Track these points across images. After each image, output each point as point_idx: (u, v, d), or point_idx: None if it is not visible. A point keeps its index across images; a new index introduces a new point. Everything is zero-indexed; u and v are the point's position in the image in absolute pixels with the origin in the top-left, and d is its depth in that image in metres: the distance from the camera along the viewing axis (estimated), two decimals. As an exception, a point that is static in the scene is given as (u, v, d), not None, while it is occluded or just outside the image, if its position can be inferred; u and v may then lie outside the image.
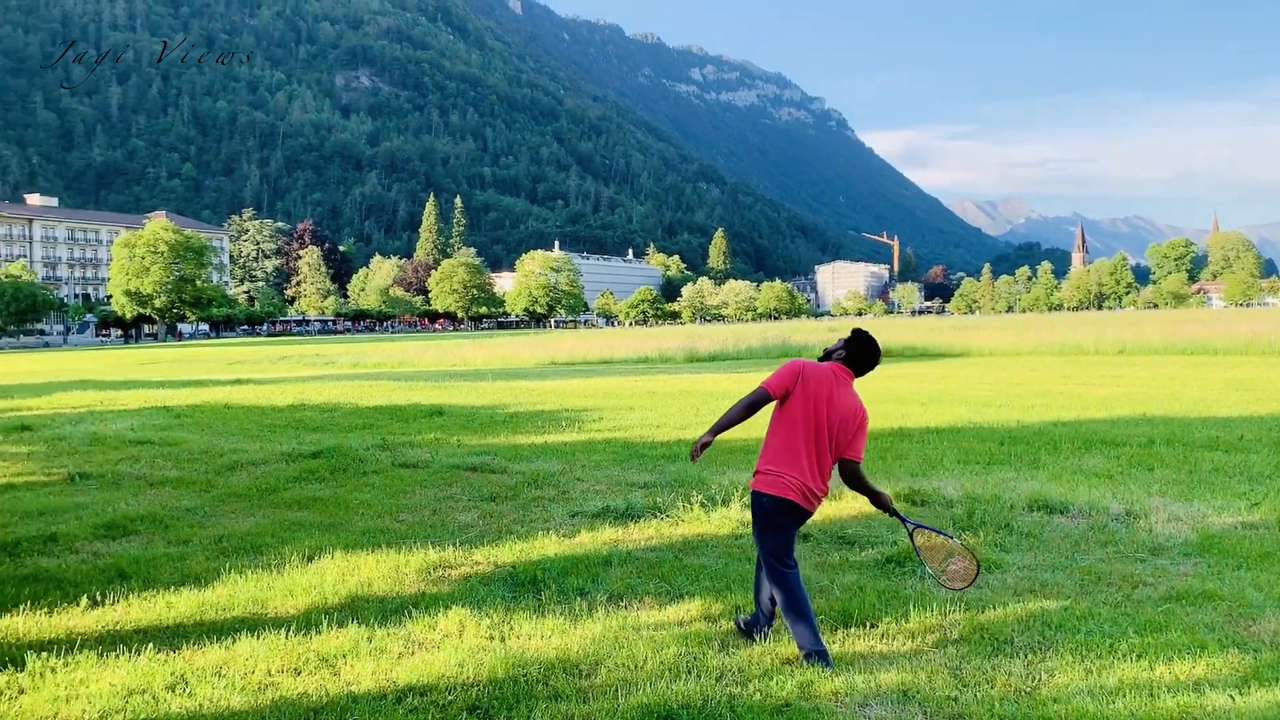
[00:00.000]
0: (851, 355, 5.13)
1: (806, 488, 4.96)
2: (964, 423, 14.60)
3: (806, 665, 4.83)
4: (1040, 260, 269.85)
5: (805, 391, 4.95)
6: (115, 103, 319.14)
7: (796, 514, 5.01)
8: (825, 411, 4.94)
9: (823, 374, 5.00)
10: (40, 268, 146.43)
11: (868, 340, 5.13)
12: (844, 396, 5.00)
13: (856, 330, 5.18)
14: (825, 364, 5.10)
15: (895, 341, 42.74)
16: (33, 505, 9.61)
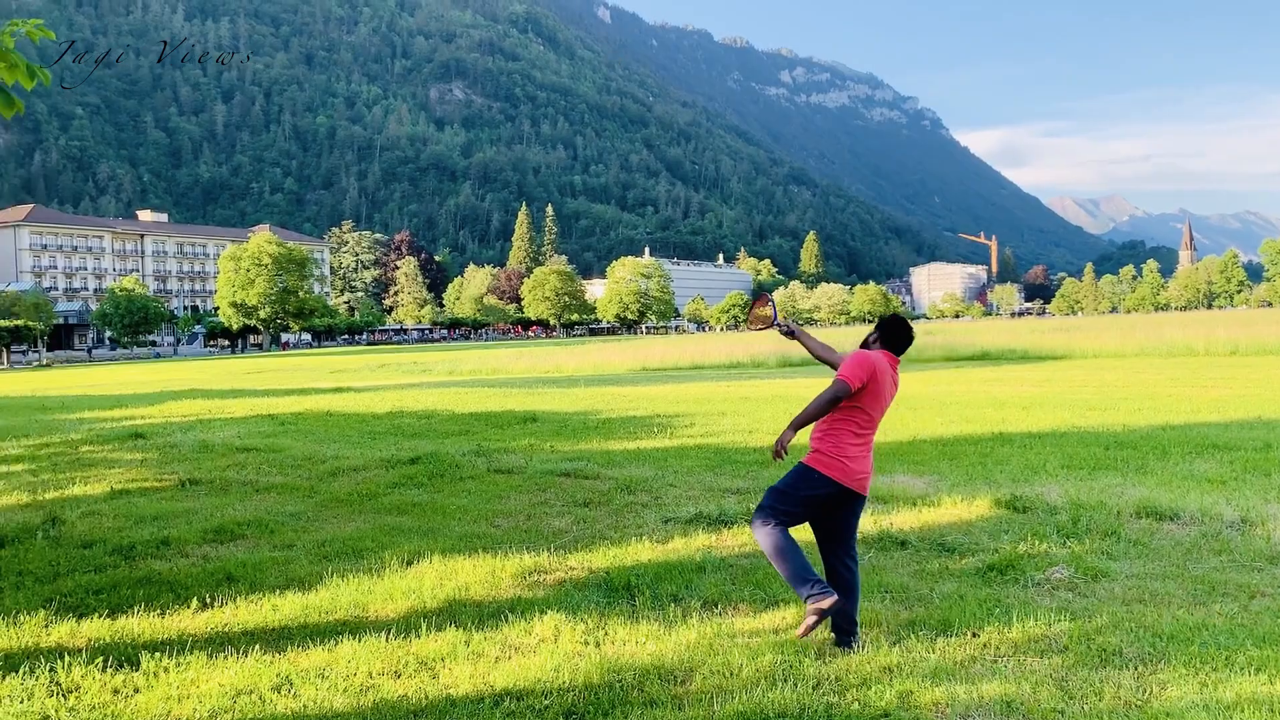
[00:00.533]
0: (888, 338, 5.41)
1: (867, 476, 5.29)
2: (1067, 427, 14.20)
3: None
4: (1145, 259, 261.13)
5: (876, 384, 5.18)
6: (221, 121, 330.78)
7: (853, 502, 5.31)
8: (886, 400, 5.29)
9: (884, 365, 5.24)
10: (152, 281, 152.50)
11: (899, 322, 5.45)
12: (896, 382, 5.38)
13: (887, 318, 5.48)
14: (879, 353, 5.32)
15: (994, 344, 41.83)
16: (146, 510, 9.98)
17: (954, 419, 15.79)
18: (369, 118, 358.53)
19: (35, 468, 13.58)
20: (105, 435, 17.51)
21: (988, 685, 4.63)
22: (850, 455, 5.15)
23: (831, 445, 5.17)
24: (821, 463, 5.16)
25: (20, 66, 5.54)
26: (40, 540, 8.61)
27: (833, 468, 5.14)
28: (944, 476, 10.44)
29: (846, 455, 5.14)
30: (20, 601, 6.65)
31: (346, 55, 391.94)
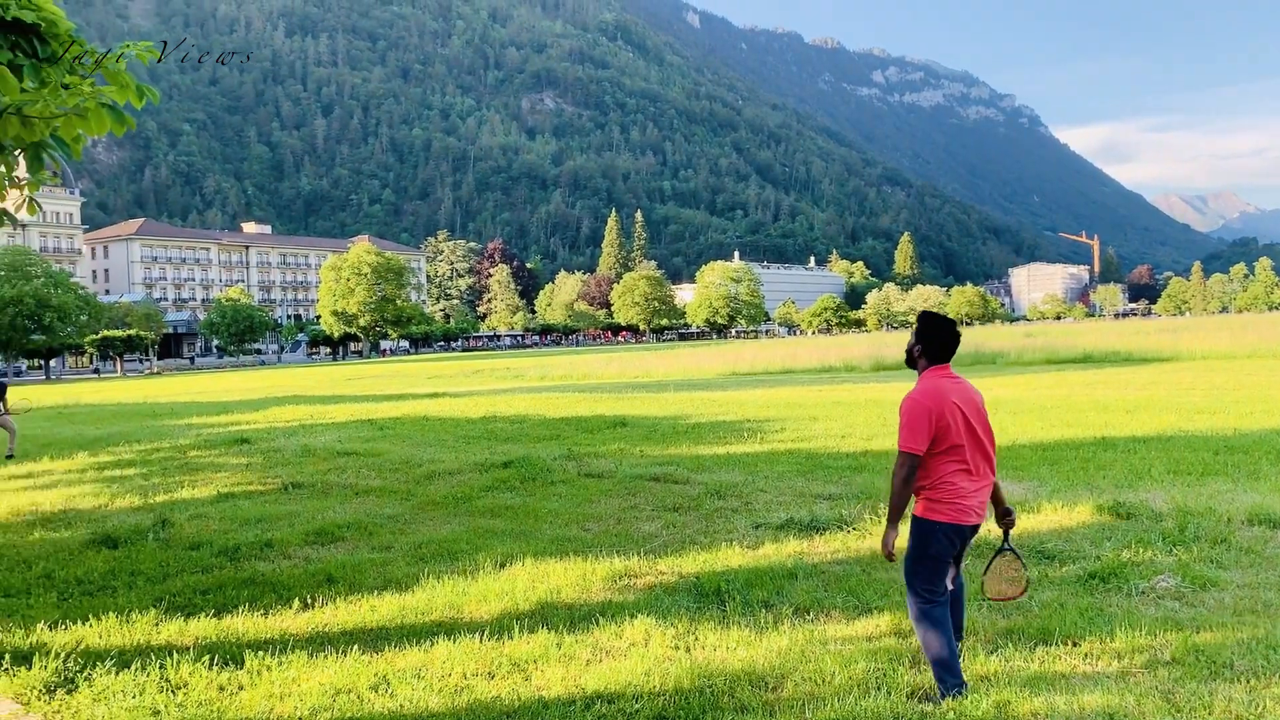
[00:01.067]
0: (933, 347, 4.71)
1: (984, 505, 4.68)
2: (1174, 431, 13.71)
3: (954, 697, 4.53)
4: (1258, 256, 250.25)
5: (940, 422, 4.54)
6: (321, 134, 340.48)
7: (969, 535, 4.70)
8: (961, 422, 4.60)
9: (938, 394, 4.59)
10: (256, 291, 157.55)
11: (937, 323, 4.74)
12: (964, 391, 4.69)
13: (921, 315, 4.79)
14: (930, 381, 4.66)
15: (1097, 346, 40.63)
16: (251, 513, 10.30)
17: (1054, 423, 15.38)
18: (463, 129, 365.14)
19: (146, 472, 14.12)
20: (212, 440, 18.13)
21: (1089, 696, 4.49)
22: (962, 494, 4.59)
23: (940, 491, 4.61)
24: (937, 510, 4.61)
25: (130, 87, 5.77)
26: (151, 542, 8.96)
27: (945, 512, 4.60)
28: (1044, 482, 10.18)
29: (959, 495, 4.60)
30: (132, 600, 6.93)
31: (441, 68, 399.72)
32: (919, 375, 4.76)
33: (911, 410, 4.57)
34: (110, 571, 7.85)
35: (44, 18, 5.87)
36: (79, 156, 6.40)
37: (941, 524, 4.58)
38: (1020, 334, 67.72)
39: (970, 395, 4.71)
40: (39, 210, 7.02)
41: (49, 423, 25.43)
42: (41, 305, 78.92)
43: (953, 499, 4.57)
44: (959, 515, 4.57)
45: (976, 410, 4.69)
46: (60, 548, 8.88)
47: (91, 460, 15.75)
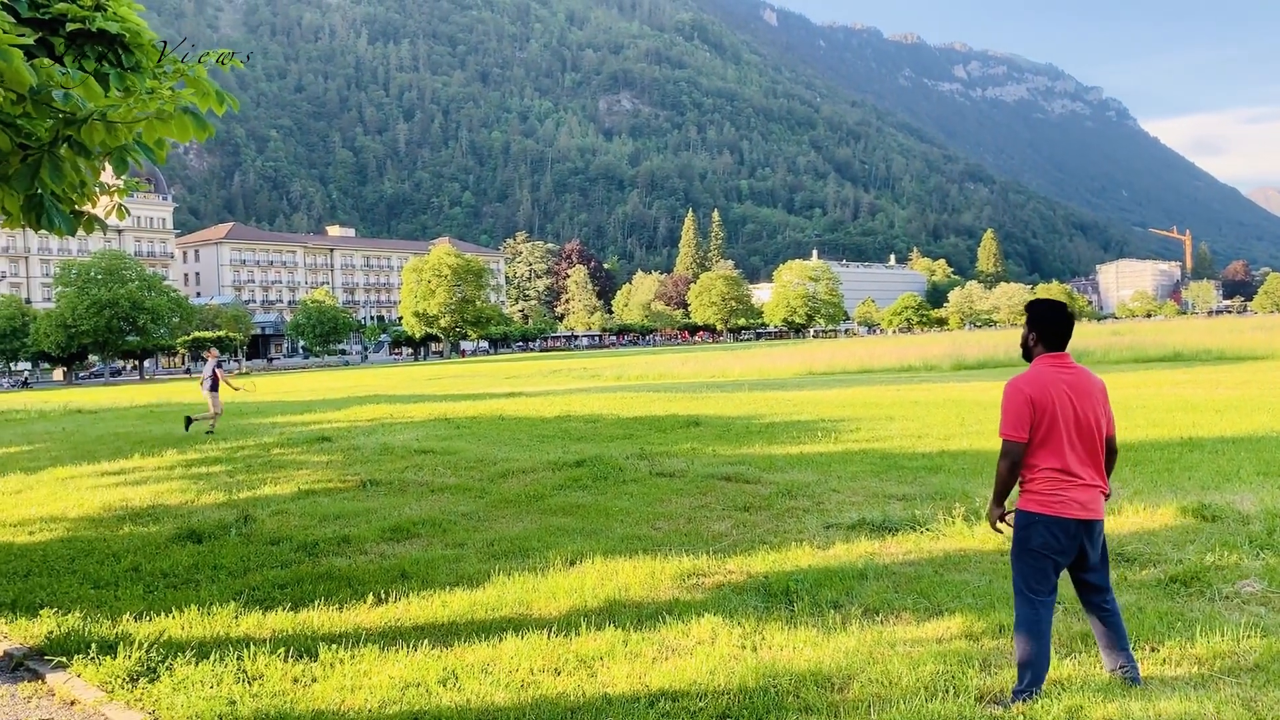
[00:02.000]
0: (1047, 335, 4.60)
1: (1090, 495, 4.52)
2: (1266, 431, 13.24)
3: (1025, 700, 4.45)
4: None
5: (1047, 410, 4.46)
6: (403, 139, 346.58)
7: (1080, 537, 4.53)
8: (1072, 412, 4.48)
9: (1046, 381, 4.50)
10: (340, 293, 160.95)
11: (1049, 309, 4.62)
12: (1078, 379, 4.56)
13: (1031, 304, 4.70)
14: (1038, 367, 4.58)
15: (1188, 344, 39.44)
16: (330, 510, 10.53)
17: (1139, 423, 14.95)
18: (541, 131, 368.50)
19: (232, 469, 14.53)
20: (295, 439, 18.57)
21: (1165, 703, 4.35)
22: (1063, 486, 4.47)
23: (1041, 483, 4.53)
24: (1038, 501, 4.52)
25: (211, 94, 5.94)
26: (233, 536, 9.21)
27: (1051, 504, 4.49)
28: (1126, 483, 9.90)
29: (1059, 487, 4.48)
30: (214, 594, 7.14)
31: (519, 71, 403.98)
32: (1030, 362, 4.68)
33: (1012, 396, 4.51)
34: (194, 565, 8.09)
35: (127, 28, 6.08)
36: (163, 161, 6.62)
37: (1040, 515, 4.48)
38: (1108, 332, 66.00)
39: (1085, 384, 4.56)
40: (127, 215, 7.27)
41: (140, 421, 26.31)
42: (136, 307, 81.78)
43: (1052, 490, 4.47)
44: (1059, 508, 4.46)
45: (1090, 399, 4.54)
46: (148, 542, 9.18)
47: (180, 458, 16.25)
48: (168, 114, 5.91)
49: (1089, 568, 4.62)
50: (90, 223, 6.94)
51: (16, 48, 5.02)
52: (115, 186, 7.29)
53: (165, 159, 6.63)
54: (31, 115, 5.44)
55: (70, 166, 5.76)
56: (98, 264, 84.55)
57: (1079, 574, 4.68)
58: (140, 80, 5.98)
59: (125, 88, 5.86)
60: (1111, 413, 4.68)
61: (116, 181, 7.17)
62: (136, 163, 5.85)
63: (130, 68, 6.18)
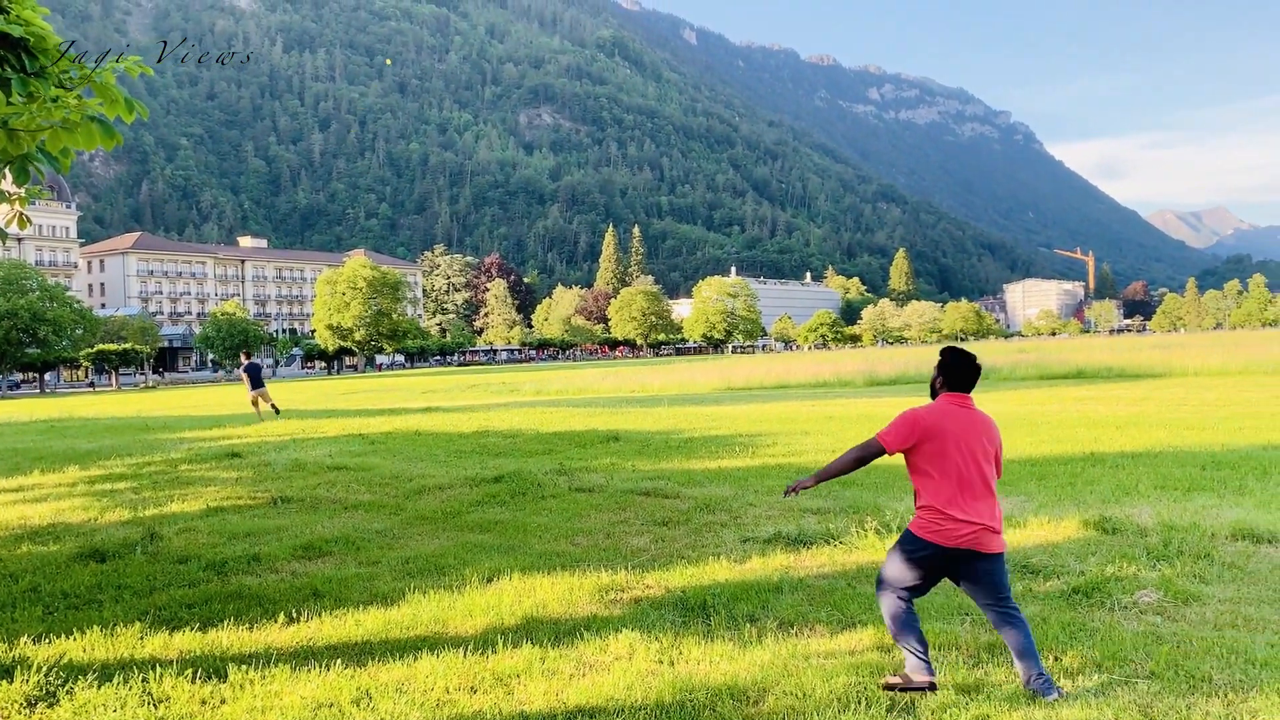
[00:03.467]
0: (951, 378, 5.01)
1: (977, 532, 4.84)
2: (1163, 447, 13.74)
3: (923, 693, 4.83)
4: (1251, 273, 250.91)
5: (936, 440, 4.83)
6: (318, 149, 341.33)
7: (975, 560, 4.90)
8: (964, 448, 4.84)
9: (943, 415, 4.89)
10: (252, 305, 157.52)
11: (958, 356, 5.03)
12: (971, 419, 4.93)
13: (943, 350, 5.10)
14: (938, 402, 4.99)
15: (1090, 362, 40.70)
16: (239, 527, 10.29)
17: (1044, 439, 15.41)
18: (460, 144, 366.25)
19: (137, 485, 14.10)
20: (203, 454, 18.10)
21: (1068, 710, 4.50)
22: (945, 517, 4.79)
23: (929, 515, 4.86)
24: (927, 531, 4.86)
25: (119, 101, 5.80)
26: (139, 555, 8.94)
27: (928, 530, 4.85)
28: (1031, 497, 10.20)
29: (941, 518, 4.80)
30: (118, 614, 6.92)
31: (438, 83, 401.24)
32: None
33: (905, 417, 4.91)
34: (97, 585, 7.83)
35: (32, 32, 5.90)
36: (67, 170, 6.43)
37: (923, 540, 4.87)
38: (1014, 349, 67.86)
39: (975, 423, 4.91)
40: (29, 224, 7.05)
41: (41, 436, 25.38)
42: (36, 319, 78.85)
43: (937, 521, 4.82)
44: (940, 537, 4.81)
45: (977, 438, 4.88)
46: (48, 561, 8.86)
47: (82, 474, 15.72)
48: (74, 122, 5.76)
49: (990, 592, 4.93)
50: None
51: (-87, 50, 4.85)
52: (16, 195, 7.07)
53: (70, 167, 6.45)
54: (-73, 121, 5.26)
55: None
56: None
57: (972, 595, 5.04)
58: (45, 87, 5.81)
59: (28, 94, 5.69)
60: (1000, 454, 5.06)
61: (18, 190, 6.95)
62: (39, 172, 5.69)
63: (34, 73, 6.00)
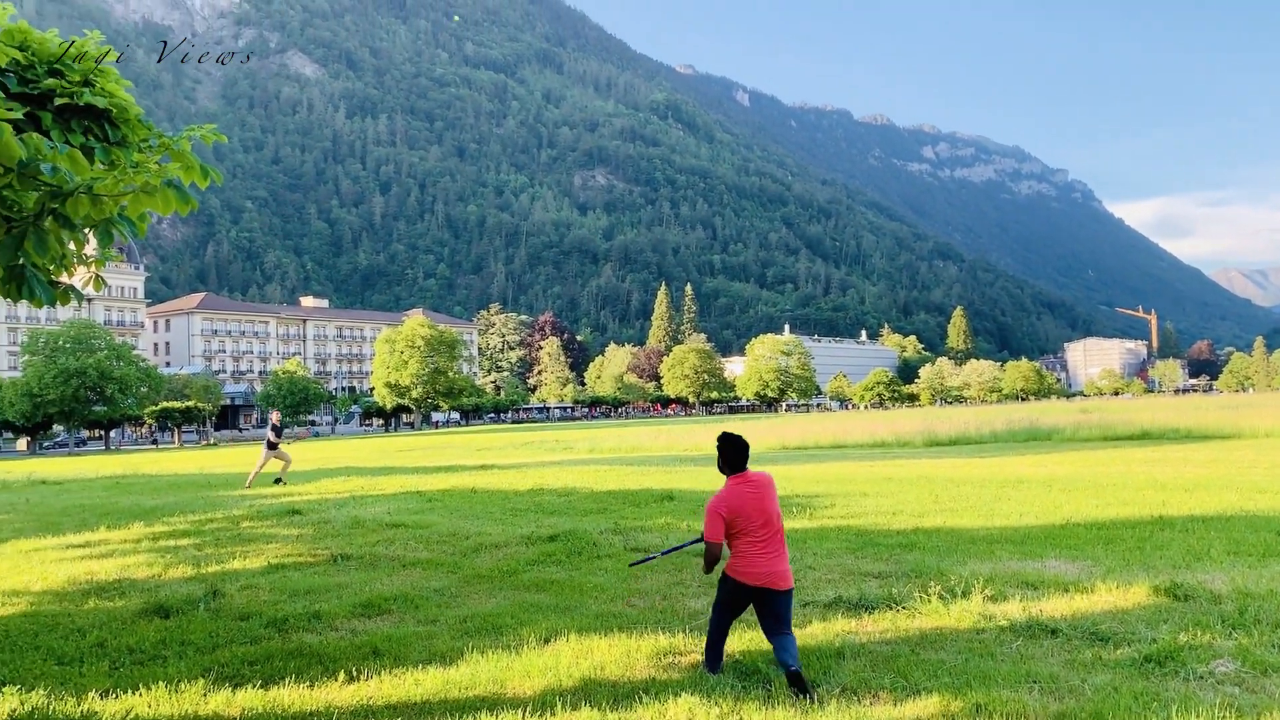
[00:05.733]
0: (729, 460, 6.48)
1: (774, 574, 6.25)
2: (1234, 510, 13.36)
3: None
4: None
5: (739, 515, 6.24)
6: (379, 211, 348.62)
7: (768, 595, 6.27)
8: (758, 512, 6.28)
9: (734, 494, 6.31)
10: (312, 363, 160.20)
11: (728, 441, 6.46)
12: (756, 487, 6.39)
13: (720, 437, 6.47)
14: (728, 486, 6.37)
15: (1156, 423, 39.84)
16: (300, 584, 10.37)
17: (1110, 501, 15.06)
18: (516, 205, 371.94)
19: (200, 542, 14.30)
20: (264, 511, 18.32)
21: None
22: (750, 561, 6.25)
23: (735, 557, 6.35)
24: (736, 571, 6.34)
25: (195, 167, 6.01)
26: (202, 612, 9.04)
27: (743, 573, 6.29)
28: (1098, 562, 9.95)
29: (747, 562, 6.26)
30: (182, 670, 6.99)
31: (496, 147, 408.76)
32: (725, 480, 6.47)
33: (710, 512, 6.31)
34: (161, 641, 7.93)
35: (115, 103, 6.15)
36: (144, 234, 6.65)
37: (735, 580, 6.33)
38: (1076, 409, 66.64)
39: (761, 489, 6.37)
40: (104, 285, 7.28)
41: (107, 492, 25.89)
42: (104, 377, 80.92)
43: (744, 566, 6.28)
44: (746, 577, 6.27)
45: (764, 501, 6.33)
46: (114, 617, 9.00)
47: (147, 530, 15.99)
48: (153, 187, 5.97)
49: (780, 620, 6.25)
50: (67, 293, 6.93)
51: (6, 122, 5.08)
52: (92, 257, 7.31)
53: (146, 232, 6.67)
54: (17, 188, 5.48)
55: (54, 239, 5.78)
56: (66, 333, 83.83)
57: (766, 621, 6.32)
58: (126, 154, 6.04)
59: (110, 161, 5.92)
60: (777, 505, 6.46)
61: (94, 252, 7.19)
62: (122, 235, 5.89)
63: (116, 142, 6.24)
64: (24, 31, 6.11)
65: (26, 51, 6.04)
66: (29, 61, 6.04)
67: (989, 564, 9.98)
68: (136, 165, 5.97)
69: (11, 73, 5.97)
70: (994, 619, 7.59)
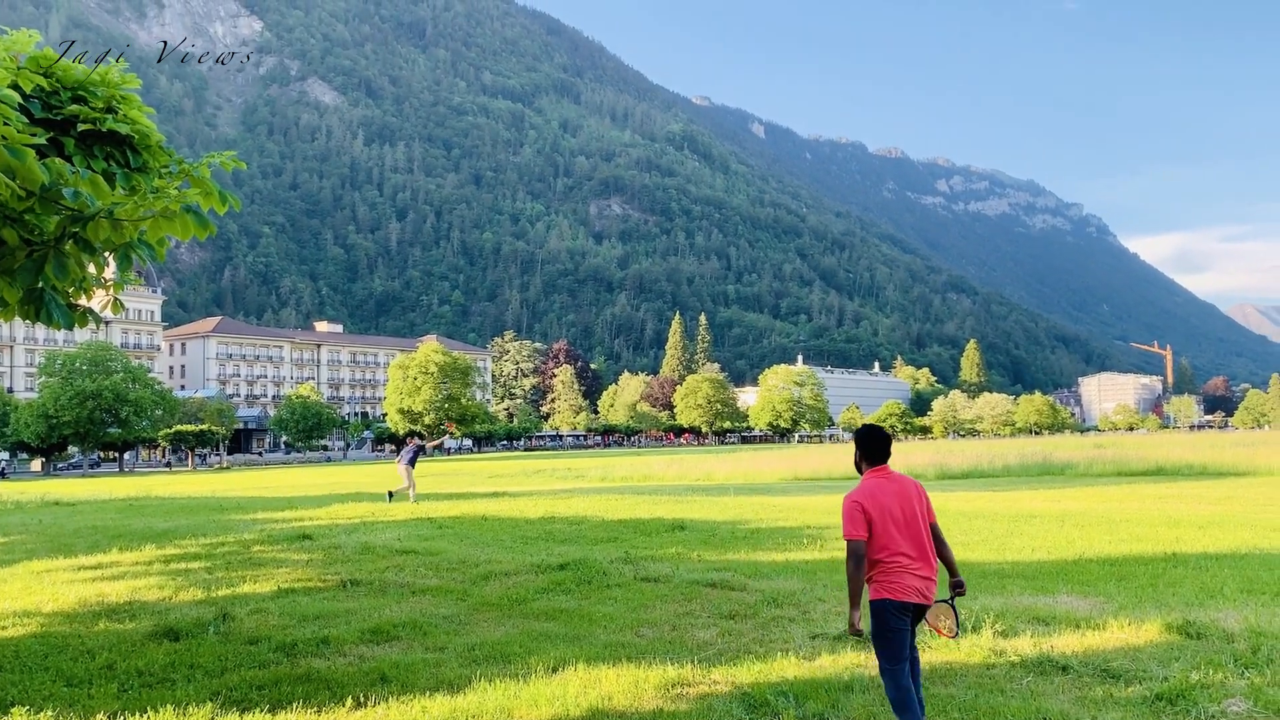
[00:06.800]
0: (869, 452, 5.67)
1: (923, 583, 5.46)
2: (1249, 548, 13.25)
3: None
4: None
5: (878, 513, 5.43)
6: (394, 238, 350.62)
7: (917, 612, 5.52)
8: (898, 511, 5.47)
9: (873, 489, 5.50)
10: (326, 388, 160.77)
11: (870, 433, 5.71)
12: (900, 486, 5.56)
13: (859, 429, 5.77)
14: (866, 480, 5.60)
15: (1170, 459, 39.56)
16: (309, 609, 10.38)
17: (1124, 537, 14.96)
18: (532, 233, 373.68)
19: (211, 565, 14.33)
20: (275, 536, 18.36)
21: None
22: (901, 575, 5.43)
23: (883, 574, 5.46)
24: (884, 590, 5.45)
25: (214, 193, 6.09)
26: (211, 635, 9.06)
27: (894, 590, 5.43)
28: (1111, 598, 9.88)
29: (899, 576, 5.43)
30: (191, 694, 7.00)
31: (512, 175, 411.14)
32: (862, 476, 5.72)
33: (848, 507, 5.50)
34: (170, 664, 7.95)
35: (137, 130, 6.25)
36: (163, 258, 6.72)
37: (890, 601, 5.43)
38: (1090, 444, 66.23)
39: (905, 489, 5.57)
40: (122, 309, 7.35)
41: (120, 514, 25.99)
42: (119, 399, 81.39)
43: (894, 580, 5.42)
44: (901, 593, 5.41)
45: (909, 502, 5.54)
46: (123, 639, 9.02)
47: (158, 553, 16.03)
48: (172, 212, 6.04)
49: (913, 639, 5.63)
50: (85, 316, 7.00)
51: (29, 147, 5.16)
52: (111, 281, 7.39)
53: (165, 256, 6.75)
54: (38, 211, 5.56)
55: (74, 262, 5.85)
56: (83, 355, 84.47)
57: None
58: (146, 180, 6.13)
59: (131, 187, 6.01)
60: (931, 506, 5.66)
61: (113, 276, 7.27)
62: (141, 259, 5.96)
63: (137, 168, 6.34)
64: (49, 59, 6.22)
65: (51, 78, 6.15)
66: (53, 88, 6.15)
67: (1000, 599, 9.92)
68: (157, 191, 6.04)
69: (36, 99, 6.08)
70: (1005, 654, 7.55)
